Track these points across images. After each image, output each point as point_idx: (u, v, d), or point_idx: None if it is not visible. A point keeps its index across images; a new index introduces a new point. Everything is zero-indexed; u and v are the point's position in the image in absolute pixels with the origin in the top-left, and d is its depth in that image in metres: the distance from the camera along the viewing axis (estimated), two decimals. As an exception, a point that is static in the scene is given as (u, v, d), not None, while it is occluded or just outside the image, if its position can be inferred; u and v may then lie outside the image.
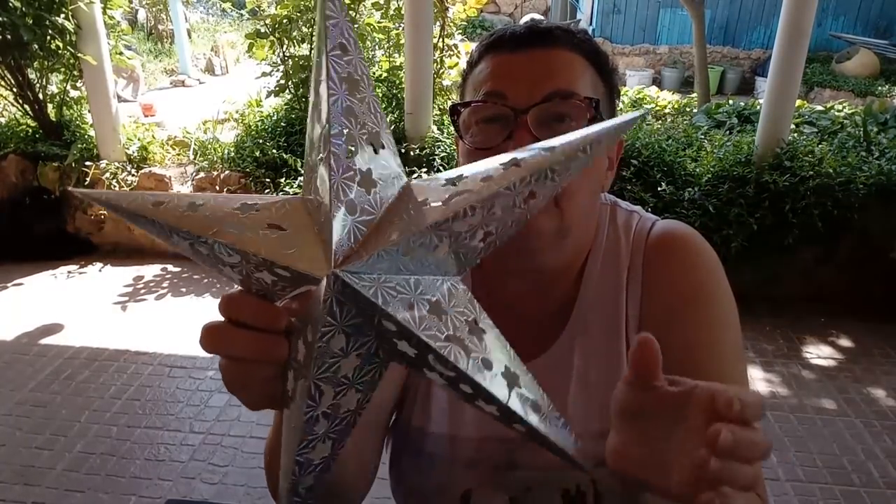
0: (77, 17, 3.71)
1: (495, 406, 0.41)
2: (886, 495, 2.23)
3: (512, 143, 0.67)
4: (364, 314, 0.40)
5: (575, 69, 0.70)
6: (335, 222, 0.39)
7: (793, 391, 2.79)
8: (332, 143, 0.40)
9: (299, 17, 3.82)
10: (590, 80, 0.71)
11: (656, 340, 0.46)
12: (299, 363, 0.42)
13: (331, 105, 0.40)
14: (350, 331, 0.40)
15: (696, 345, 0.73)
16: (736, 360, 0.74)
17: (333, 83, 0.41)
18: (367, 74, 0.43)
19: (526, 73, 0.69)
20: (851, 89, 8.20)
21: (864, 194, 3.25)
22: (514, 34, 0.71)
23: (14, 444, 2.39)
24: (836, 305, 3.50)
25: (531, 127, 0.67)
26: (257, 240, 0.40)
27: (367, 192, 0.41)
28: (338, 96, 0.41)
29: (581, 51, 0.72)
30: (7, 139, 4.04)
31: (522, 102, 0.68)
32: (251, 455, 2.36)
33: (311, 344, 0.40)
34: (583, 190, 0.71)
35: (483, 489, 0.78)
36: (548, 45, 0.70)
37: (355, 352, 0.41)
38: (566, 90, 0.68)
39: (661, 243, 0.77)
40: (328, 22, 0.41)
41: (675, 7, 9.90)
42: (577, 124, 0.68)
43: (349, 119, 0.41)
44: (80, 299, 3.49)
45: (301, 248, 0.40)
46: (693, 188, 3.30)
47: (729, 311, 0.75)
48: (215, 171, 3.84)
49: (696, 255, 0.76)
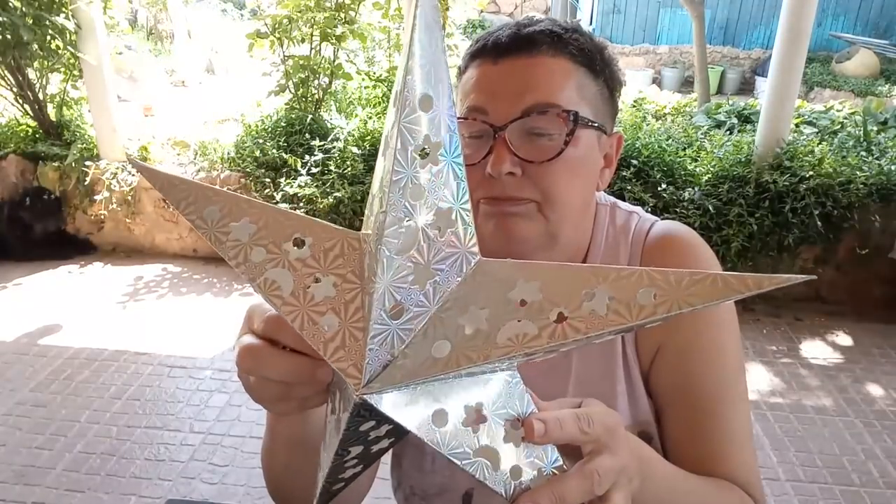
0: (77, 17, 3.71)
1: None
2: (886, 495, 2.23)
3: (491, 158, 0.68)
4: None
5: (555, 79, 0.69)
6: (372, 323, 0.36)
7: (793, 391, 2.79)
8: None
9: (299, 17, 3.82)
10: (574, 85, 0.70)
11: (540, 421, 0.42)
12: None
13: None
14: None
15: (693, 348, 0.73)
16: (733, 362, 0.74)
17: None
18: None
19: (504, 87, 0.69)
20: (851, 89, 8.20)
21: (864, 194, 3.25)
22: (497, 42, 0.70)
23: (14, 444, 2.38)
24: (836, 305, 3.50)
25: (509, 142, 0.68)
26: (301, 310, 0.39)
27: (422, 259, 0.38)
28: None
29: (566, 53, 0.70)
30: (7, 139, 4.04)
31: (501, 118, 0.68)
32: (251, 455, 2.36)
33: None
34: (570, 193, 0.71)
35: (484, 490, 0.78)
36: (530, 53, 0.69)
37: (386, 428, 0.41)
38: (545, 103, 0.68)
39: (660, 244, 0.77)
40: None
41: (675, 7, 9.90)
42: (558, 137, 0.68)
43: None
44: (80, 299, 3.49)
45: (341, 339, 0.37)
46: (693, 188, 3.30)
47: (726, 313, 0.75)
48: (215, 171, 3.84)
49: (695, 256, 0.76)
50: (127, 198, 3.89)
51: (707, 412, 0.72)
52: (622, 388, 0.75)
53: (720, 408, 0.72)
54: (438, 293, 0.39)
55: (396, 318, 0.37)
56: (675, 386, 0.74)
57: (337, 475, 0.44)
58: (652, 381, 0.76)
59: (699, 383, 0.73)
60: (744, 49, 10.32)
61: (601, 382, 0.75)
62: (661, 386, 0.75)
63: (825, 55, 9.54)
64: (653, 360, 0.76)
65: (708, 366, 0.73)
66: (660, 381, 0.75)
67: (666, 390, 0.75)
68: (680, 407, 0.74)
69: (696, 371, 0.73)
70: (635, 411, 0.75)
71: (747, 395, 0.76)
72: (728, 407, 0.72)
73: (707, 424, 0.72)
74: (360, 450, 0.42)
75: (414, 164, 0.38)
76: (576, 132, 0.68)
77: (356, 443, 0.41)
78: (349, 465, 0.44)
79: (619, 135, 0.78)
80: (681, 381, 0.74)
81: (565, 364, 0.77)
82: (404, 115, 0.38)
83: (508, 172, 0.67)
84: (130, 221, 3.98)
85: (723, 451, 0.71)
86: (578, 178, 0.71)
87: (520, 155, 0.68)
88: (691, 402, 0.73)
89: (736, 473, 0.70)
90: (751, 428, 0.75)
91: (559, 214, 0.70)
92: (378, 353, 0.36)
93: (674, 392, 0.74)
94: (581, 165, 0.71)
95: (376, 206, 0.40)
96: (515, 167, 0.68)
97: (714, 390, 0.73)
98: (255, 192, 3.68)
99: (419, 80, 0.39)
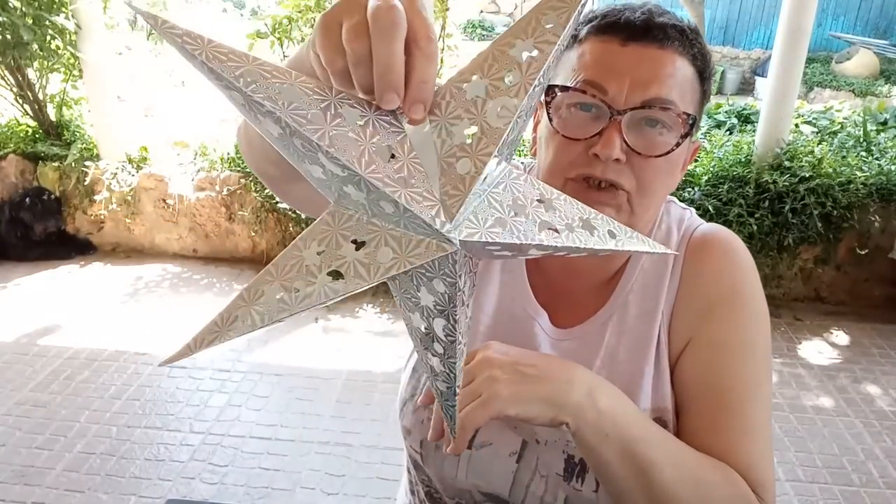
0: (77, 17, 3.71)
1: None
2: (886, 495, 2.23)
3: (600, 141, 0.67)
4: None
5: (679, 77, 0.69)
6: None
7: (793, 391, 2.79)
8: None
9: (299, 17, 3.83)
10: (690, 88, 0.70)
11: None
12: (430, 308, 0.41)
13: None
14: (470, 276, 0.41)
15: (725, 343, 0.74)
16: (762, 363, 0.74)
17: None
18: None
19: (631, 72, 0.67)
20: (851, 89, 8.21)
21: (864, 194, 3.25)
22: (629, 23, 0.69)
23: (14, 444, 2.39)
24: (835, 305, 3.50)
25: (622, 128, 0.67)
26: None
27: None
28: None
29: (689, 54, 0.70)
30: (7, 139, 4.04)
31: (620, 102, 0.67)
32: (251, 455, 2.36)
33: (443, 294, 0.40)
34: (661, 190, 0.73)
35: (498, 426, 0.78)
36: (661, 45, 0.68)
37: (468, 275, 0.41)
38: (667, 99, 0.68)
39: (705, 241, 0.79)
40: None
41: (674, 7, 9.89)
42: (668, 134, 0.69)
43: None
44: (80, 299, 3.49)
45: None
46: (693, 188, 3.30)
47: (761, 316, 0.76)
48: (215, 171, 3.84)
49: (737, 257, 0.78)
50: (127, 198, 3.89)
51: (730, 408, 0.72)
52: (650, 369, 0.75)
53: (744, 405, 0.72)
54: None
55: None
56: (702, 379, 0.74)
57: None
58: (678, 373, 0.76)
59: (726, 377, 0.73)
60: (744, 49, 10.33)
61: (630, 360, 0.76)
62: (688, 379, 0.75)
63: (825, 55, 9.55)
64: (681, 352, 0.76)
65: (738, 362, 0.73)
66: (687, 374, 0.75)
67: (692, 383, 0.75)
68: (703, 400, 0.73)
69: (725, 365, 0.73)
70: (657, 396, 0.75)
71: (770, 400, 0.76)
72: (752, 406, 0.72)
73: (728, 419, 0.71)
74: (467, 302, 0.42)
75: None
76: (687, 138, 0.70)
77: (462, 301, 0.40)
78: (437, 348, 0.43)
79: (698, 143, 0.79)
80: (708, 375, 0.74)
81: (598, 338, 0.78)
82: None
83: (615, 159, 0.67)
84: (130, 221, 3.98)
85: (738, 446, 0.70)
86: (671, 177, 0.73)
87: (629, 144, 0.68)
88: (716, 396, 0.72)
89: (749, 472, 0.69)
90: (770, 432, 0.74)
91: (643, 208, 0.71)
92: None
93: (700, 385, 0.74)
94: (676, 166, 0.73)
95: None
96: (622, 154, 0.67)
97: (740, 386, 0.72)
98: (255, 192, 3.68)
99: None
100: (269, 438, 2.45)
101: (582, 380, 0.63)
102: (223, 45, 0.38)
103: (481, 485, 0.78)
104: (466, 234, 0.37)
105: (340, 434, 2.48)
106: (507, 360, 0.63)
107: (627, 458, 0.63)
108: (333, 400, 2.68)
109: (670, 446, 0.67)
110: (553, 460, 0.76)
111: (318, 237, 0.38)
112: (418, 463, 0.83)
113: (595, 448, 0.62)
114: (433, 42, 0.38)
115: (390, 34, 0.37)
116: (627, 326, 0.77)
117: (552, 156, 0.72)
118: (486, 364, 0.62)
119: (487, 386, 0.60)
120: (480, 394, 0.60)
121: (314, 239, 0.38)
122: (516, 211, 0.39)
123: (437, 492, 0.83)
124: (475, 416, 0.59)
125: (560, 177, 0.71)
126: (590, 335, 0.79)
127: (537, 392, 0.61)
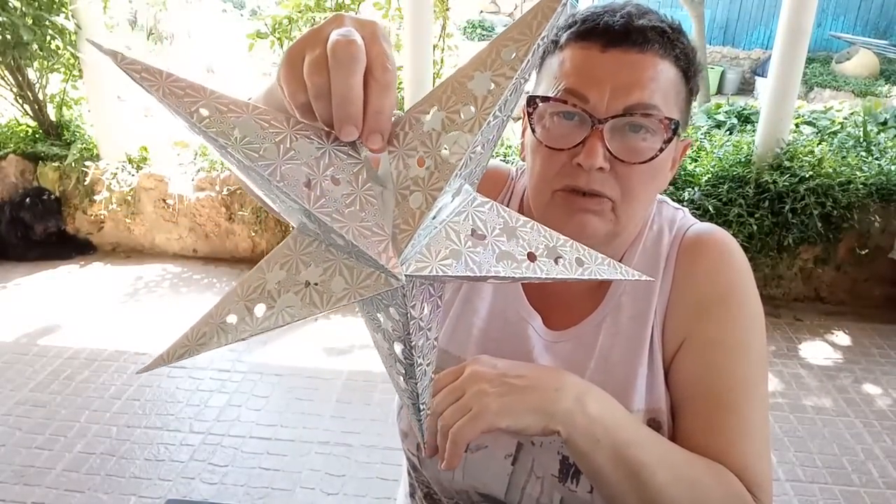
0: (77, 17, 3.71)
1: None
2: (886, 495, 2.23)
3: (583, 151, 0.67)
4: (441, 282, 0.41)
5: (662, 80, 0.68)
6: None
7: (793, 391, 2.79)
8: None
9: (299, 17, 3.83)
10: (673, 90, 0.70)
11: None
12: (390, 332, 0.43)
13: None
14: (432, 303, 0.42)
15: (721, 343, 0.73)
16: (758, 363, 0.74)
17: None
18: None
19: (611, 78, 0.67)
20: (851, 89, 8.21)
21: (864, 194, 3.25)
22: (608, 28, 0.68)
23: (14, 444, 2.39)
24: (835, 305, 3.50)
25: (605, 136, 0.67)
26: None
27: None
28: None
29: (671, 56, 0.70)
30: (7, 139, 4.04)
31: (602, 111, 0.67)
32: (251, 455, 2.36)
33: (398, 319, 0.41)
34: (646, 195, 0.72)
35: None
36: (641, 49, 0.68)
37: (429, 304, 0.42)
38: (649, 104, 0.67)
39: (698, 241, 0.78)
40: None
41: (674, 7, 9.90)
42: (652, 139, 0.68)
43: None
44: (80, 299, 3.49)
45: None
46: (693, 188, 3.30)
47: (757, 316, 0.75)
48: (215, 171, 3.84)
49: (731, 256, 0.77)
50: (127, 198, 3.89)
51: (726, 408, 0.71)
52: (643, 370, 0.75)
53: (740, 405, 0.71)
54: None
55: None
56: (698, 378, 0.74)
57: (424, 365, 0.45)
58: (673, 373, 0.76)
59: (722, 377, 0.72)
60: (744, 49, 10.34)
61: (624, 361, 0.76)
62: (682, 378, 0.75)
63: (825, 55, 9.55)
64: (676, 351, 0.76)
65: (733, 361, 0.73)
66: (682, 374, 0.75)
67: (687, 383, 0.75)
68: (699, 401, 0.73)
69: (720, 365, 0.73)
70: (651, 397, 0.75)
71: (767, 401, 0.75)
72: (748, 406, 0.71)
73: (724, 419, 0.71)
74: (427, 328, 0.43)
75: None
76: (670, 143, 0.69)
77: (417, 330, 0.42)
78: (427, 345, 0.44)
79: (688, 141, 0.79)
80: (703, 374, 0.73)
81: (592, 339, 0.78)
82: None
83: (599, 168, 0.67)
84: (130, 221, 3.98)
85: (735, 446, 0.70)
86: (656, 181, 0.73)
87: (612, 151, 0.67)
88: (712, 396, 0.72)
89: (745, 472, 0.69)
90: (769, 433, 0.74)
91: (629, 214, 0.71)
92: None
93: (695, 385, 0.74)
94: (661, 170, 0.72)
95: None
96: (606, 163, 0.67)
97: (736, 386, 0.72)
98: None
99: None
100: (269, 438, 2.45)
101: (571, 387, 0.63)
102: (181, 80, 0.39)
103: (478, 486, 0.78)
104: (415, 268, 0.38)
105: (340, 434, 2.48)
106: (496, 372, 0.63)
107: (620, 462, 0.63)
108: (333, 400, 2.68)
109: (662, 449, 0.67)
110: (548, 461, 0.76)
111: (280, 261, 0.40)
112: (416, 465, 0.83)
113: (587, 454, 0.62)
114: (389, 72, 0.39)
115: (348, 68, 0.37)
116: (621, 328, 0.77)
117: (538, 167, 0.72)
118: (475, 378, 0.62)
119: (477, 400, 0.60)
120: (470, 408, 0.60)
121: (277, 262, 0.40)
122: (475, 241, 0.40)
123: (436, 493, 0.84)
124: (466, 430, 0.59)
125: (547, 189, 0.71)
126: (583, 337, 0.78)
127: (526, 402, 0.61)
